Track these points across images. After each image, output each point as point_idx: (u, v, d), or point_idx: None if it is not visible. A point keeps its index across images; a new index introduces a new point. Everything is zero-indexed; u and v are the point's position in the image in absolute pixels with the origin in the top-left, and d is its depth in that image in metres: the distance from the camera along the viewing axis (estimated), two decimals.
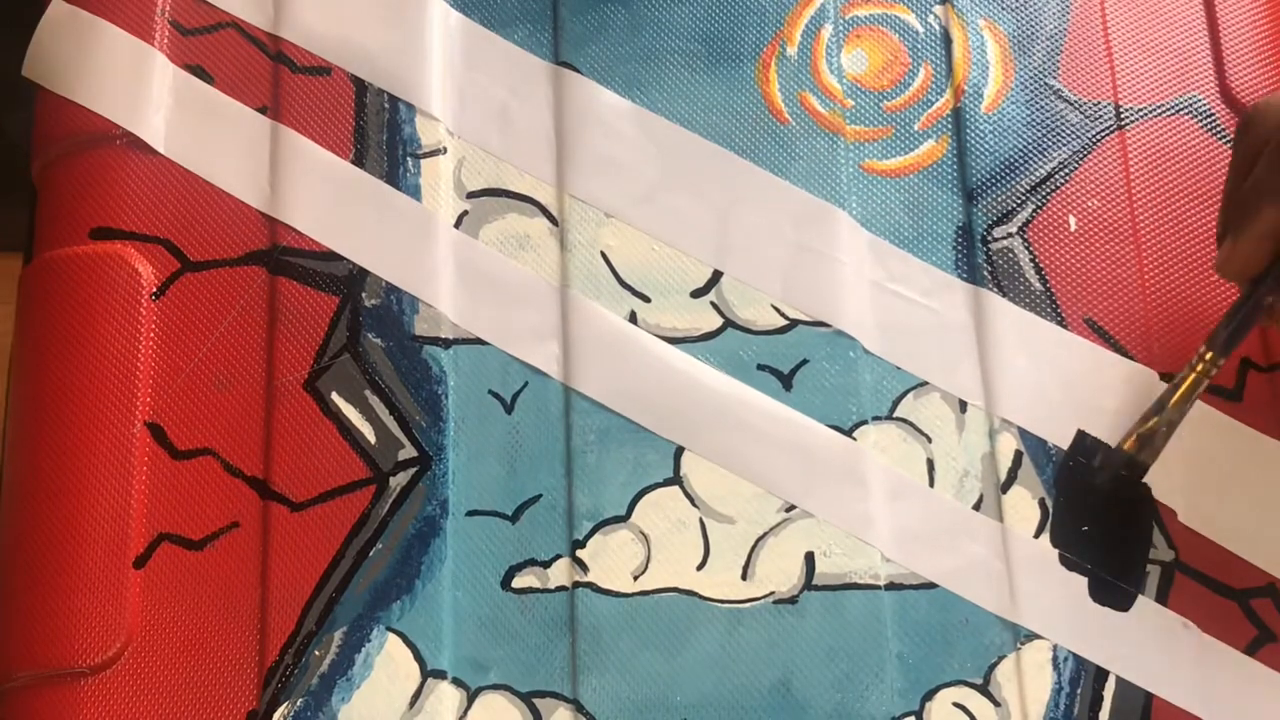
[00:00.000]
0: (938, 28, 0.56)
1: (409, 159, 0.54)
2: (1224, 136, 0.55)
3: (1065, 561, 0.50)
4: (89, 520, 0.50)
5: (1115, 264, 0.53)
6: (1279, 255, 0.47)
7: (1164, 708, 0.48)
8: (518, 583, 0.50)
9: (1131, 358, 0.52)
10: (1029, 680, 0.48)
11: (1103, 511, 0.51)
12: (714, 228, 0.54)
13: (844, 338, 0.52)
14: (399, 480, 0.51)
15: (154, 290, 0.53)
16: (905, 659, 0.49)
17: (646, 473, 0.51)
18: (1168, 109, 0.55)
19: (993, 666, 0.49)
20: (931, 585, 0.49)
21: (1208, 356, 0.49)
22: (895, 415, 0.52)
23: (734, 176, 0.54)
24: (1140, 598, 0.49)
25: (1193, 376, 0.49)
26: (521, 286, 0.53)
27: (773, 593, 0.49)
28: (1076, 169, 0.54)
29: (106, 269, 0.53)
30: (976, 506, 0.51)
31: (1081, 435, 0.51)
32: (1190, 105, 0.55)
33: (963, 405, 0.52)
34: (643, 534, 0.50)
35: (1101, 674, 0.48)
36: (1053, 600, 0.49)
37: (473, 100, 0.55)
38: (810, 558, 0.50)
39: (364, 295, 0.53)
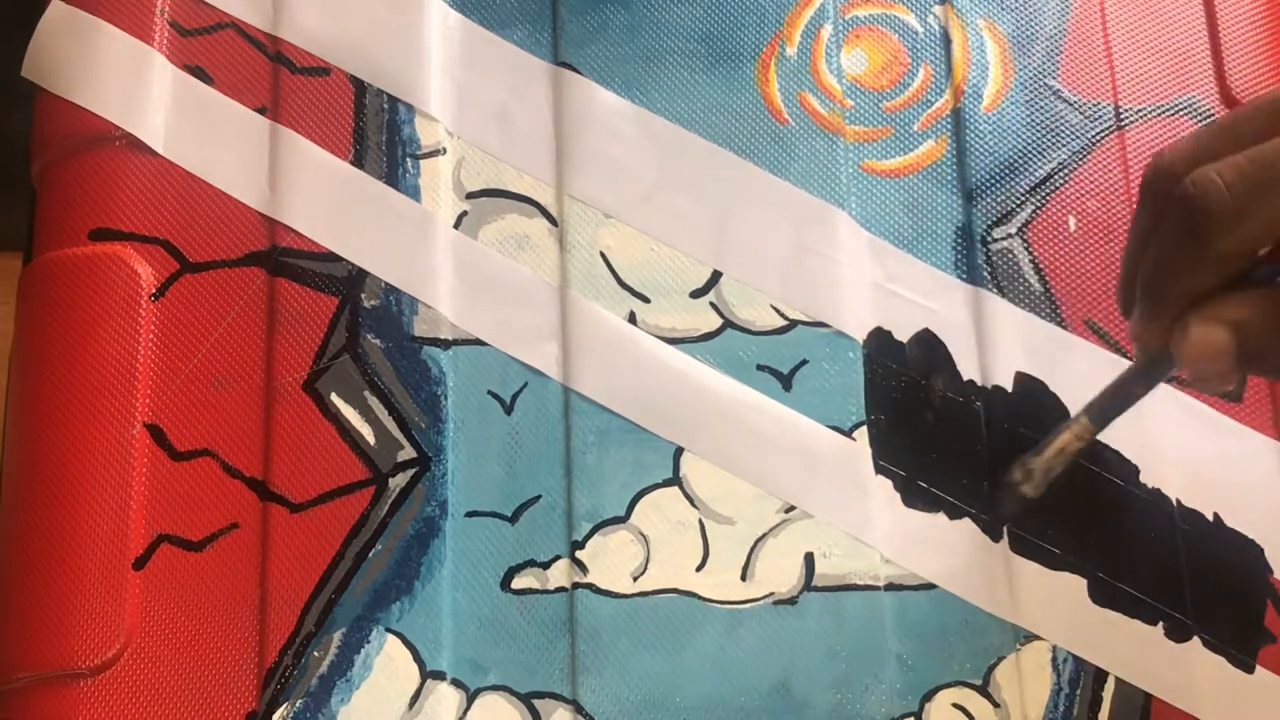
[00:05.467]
0: (937, 28, 0.56)
1: (408, 159, 0.54)
2: None
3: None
4: (88, 521, 0.50)
5: (1115, 265, 0.53)
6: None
7: (1163, 709, 0.48)
8: (517, 584, 0.50)
9: (1131, 359, 0.52)
10: (1028, 681, 0.48)
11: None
12: (713, 228, 0.53)
13: (844, 338, 0.52)
14: (398, 481, 0.51)
15: (153, 291, 0.53)
16: (904, 660, 0.49)
17: (646, 473, 0.51)
18: (1167, 110, 0.55)
19: (992, 667, 0.49)
20: (931, 586, 0.49)
21: (1083, 421, 0.47)
22: None
23: (733, 177, 0.54)
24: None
25: (1068, 437, 0.47)
26: (521, 287, 0.53)
27: (772, 593, 0.49)
28: (1076, 170, 0.54)
29: (106, 270, 0.53)
30: None
31: None
32: (1190, 106, 0.55)
33: None
34: (642, 535, 0.50)
35: (1101, 675, 0.48)
36: (1053, 601, 0.49)
37: (472, 101, 0.55)
38: (810, 558, 0.50)
39: (363, 296, 0.53)
